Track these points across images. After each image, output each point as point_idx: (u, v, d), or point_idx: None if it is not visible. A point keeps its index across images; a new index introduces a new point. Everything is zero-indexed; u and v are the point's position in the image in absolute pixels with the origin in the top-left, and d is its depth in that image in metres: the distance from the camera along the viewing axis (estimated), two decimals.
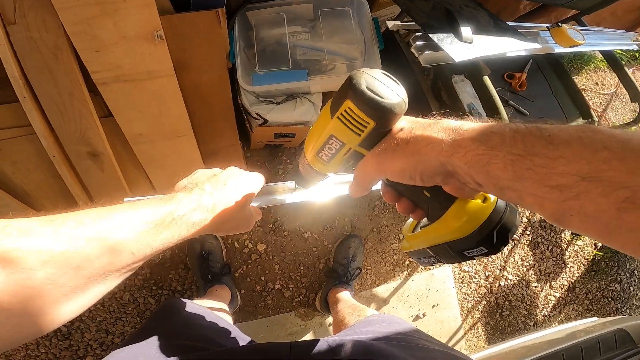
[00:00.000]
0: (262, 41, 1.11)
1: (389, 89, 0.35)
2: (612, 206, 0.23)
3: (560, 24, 1.38)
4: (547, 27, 1.39)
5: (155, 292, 1.34)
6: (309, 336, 1.45)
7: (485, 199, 0.36)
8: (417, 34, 1.15)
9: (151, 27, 0.85)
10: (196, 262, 1.31)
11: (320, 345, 0.57)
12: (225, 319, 0.78)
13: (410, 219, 0.46)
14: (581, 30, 1.39)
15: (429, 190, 0.38)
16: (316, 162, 0.44)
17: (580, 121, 1.52)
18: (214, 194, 0.47)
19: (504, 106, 1.45)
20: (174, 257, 1.35)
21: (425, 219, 0.42)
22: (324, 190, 0.68)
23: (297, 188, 0.65)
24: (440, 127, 0.33)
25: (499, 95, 1.46)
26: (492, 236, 0.35)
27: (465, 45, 1.16)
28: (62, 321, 0.32)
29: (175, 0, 0.90)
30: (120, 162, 1.10)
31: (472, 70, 1.35)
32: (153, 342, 0.56)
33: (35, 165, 1.05)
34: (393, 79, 0.37)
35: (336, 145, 0.39)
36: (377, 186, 0.45)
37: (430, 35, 1.11)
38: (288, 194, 0.67)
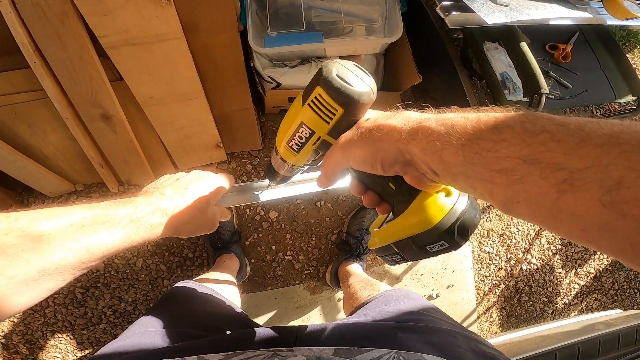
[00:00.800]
0: (275, 2, 1.08)
1: (358, 78, 0.37)
2: (552, 188, 0.23)
3: None
4: None
5: (167, 259, 1.39)
6: (316, 310, 1.48)
7: (447, 193, 0.37)
8: None
9: None
10: None
11: (328, 330, 0.58)
12: (231, 301, 0.80)
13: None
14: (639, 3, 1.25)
15: (394, 182, 0.39)
16: (287, 153, 0.45)
17: (629, 98, 1.43)
18: (175, 197, 0.51)
19: (544, 77, 1.38)
20: None
21: (391, 215, 0.42)
22: (297, 187, 0.67)
23: (271, 185, 0.66)
24: (402, 117, 0.34)
25: (539, 66, 1.37)
26: (452, 231, 0.35)
27: (499, 8, 1.08)
28: (15, 312, 0.36)
29: None
30: (132, 124, 1.13)
31: (508, 37, 1.26)
32: (157, 330, 0.58)
33: (51, 128, 1.09)
34: (364, 71, 0.38)
35: (306, 134, 0.41)
36: (347, 182, 0.45)
37: None
38: (260, 192, 0.67)
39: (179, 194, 0.52)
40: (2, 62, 0.92)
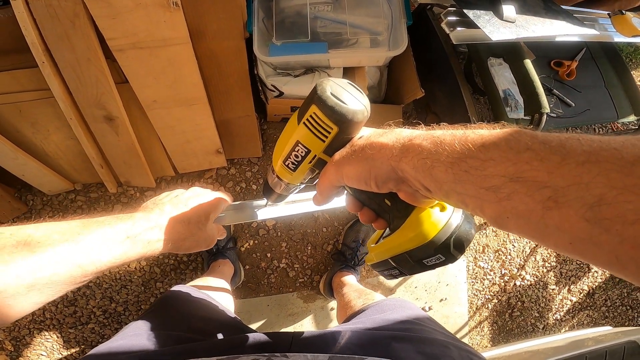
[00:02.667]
0: (282, 11, 1.11)
1: (352, 97, 0.38)
2: (538, 205, 0.25)
3: (624, 12, 1.29)
4: (608, 14, 1.29)
5: (162, 262, 1.40)
6: (309, 319, 1.50)
7: (442, 208, 0.38)
8: (450, 8, 1.11)
9: None
10: None
11: (322, 337, 0.59)
12: (225, 305, 0.81)
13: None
14: None
15: (389, 199, 0.40)
16: (283, 172, 0.47)
17: (632, 118, 1.45)
18: (173, 214, 0.52)
19: (547, 95, 1.37)
20: None
21: (387, 230, 0.44)
22: (294, 206, 0.70)
23: (268, 204, 0.67)
24: (394, 135, 0.36)
25: (543, 84, 1.39)
26: (448, 244, 0.37)
27: (505, 24, 1.10)
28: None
29: None
30: (135, 127, 1.15)
31: (512, 53, 1.29)
32: (151, 333, 0.59)
33: (54, 127, 1.11)
34: (358, 89, 0.40)
35: (302, 152, 0.42)
36: (343, 200, 0.47)
37: (465, 11, 1.07)
38: (257, 210, 0.69)
39: (178, 210, 0.53)
40: (10, 60, 0.94)
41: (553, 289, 1.79)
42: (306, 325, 1.49)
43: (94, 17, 0.85)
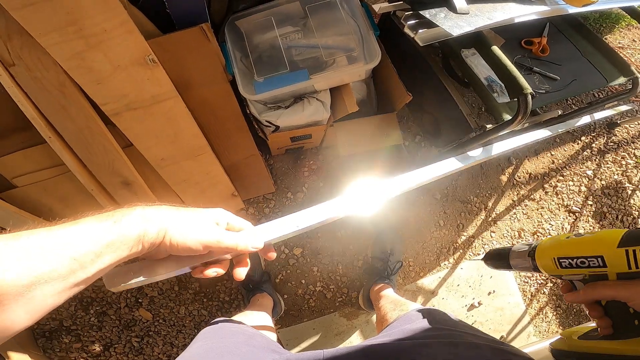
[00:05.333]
0: (256, 48, 1.05)
1: None
2: None
3: None
4: None
5: (207, 304, 1.29)
6: (355, 335, 1.30)
7: None
8: (407, 12, 1.01)
9: (141, 53, 0.82)
10: None
11: (353, 352, 0.52)
12: (262, 335, 0.69)
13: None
14: None
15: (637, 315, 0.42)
16: (548, 265, 0.47)
17: (621, 80, 1.27)
18: (162, 206, 0.44)
19: (528, 74, 1.24)
20: None
21: (591, 332, 0.47)
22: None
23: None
24: None
25: (521, 64, 1.25)
26: None
27: (461, 17, 0.99)
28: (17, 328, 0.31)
29: (161, 23, 0.87)
30: (151, 186, 1.09)
31: (478, 42, 1.15)
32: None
33: (80, 201, 1.07)
34: None
35: (594, 263, 0.42)
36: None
37: (421, 12, 0.97)
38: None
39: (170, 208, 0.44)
40: (20, 139, 0.90)
41: None
42: (355, 342, 1.29)
43: (80, 84, 0.80)
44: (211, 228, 0.44)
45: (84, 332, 1.29)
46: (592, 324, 0.59)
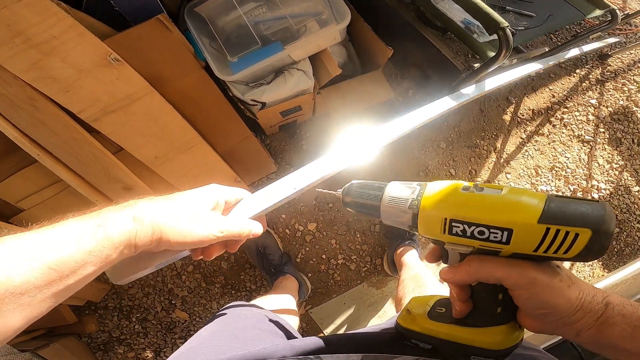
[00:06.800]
0: (222, 30, 0.96)
1: None
2: None
3: None
4: None
5: (235, 295, 1.22)
6: (388, 304, 1.18)
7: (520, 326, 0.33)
8: None
9: (100, 53, 0.75)
10: (256, 259, 1.17)
11: (356, 338, 0.47)
12: (273, 318, 0.60)
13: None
14: None
15: (504, 297, 0.32)
16: (433, 222, 0.31)
17: (598, 12, 1.14)
18: (154, 198, 0.39)
19: (503, 13, 1.14)
20: (238, 260, 1.22)
21: (442, 308, 0.38)
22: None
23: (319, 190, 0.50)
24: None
25: (493, 4, 1.13)
26: (505, 355, 0.34)
27: None
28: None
29: (115, 23, 0.79)
30: (153, 187, 1.02)
31: None
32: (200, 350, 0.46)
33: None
34: None
35: (496, 237, 0.29)
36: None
37: None
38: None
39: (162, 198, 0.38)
40: (12, 162, 0.85)
41: (638, 191, 1.30)
42: (389, 311, 1.18)
43: (49, 95, 0.74)
44: (209, 221, 0.38)
45: (133, 340, 1.24)
46: (441, 293, 0.44)
